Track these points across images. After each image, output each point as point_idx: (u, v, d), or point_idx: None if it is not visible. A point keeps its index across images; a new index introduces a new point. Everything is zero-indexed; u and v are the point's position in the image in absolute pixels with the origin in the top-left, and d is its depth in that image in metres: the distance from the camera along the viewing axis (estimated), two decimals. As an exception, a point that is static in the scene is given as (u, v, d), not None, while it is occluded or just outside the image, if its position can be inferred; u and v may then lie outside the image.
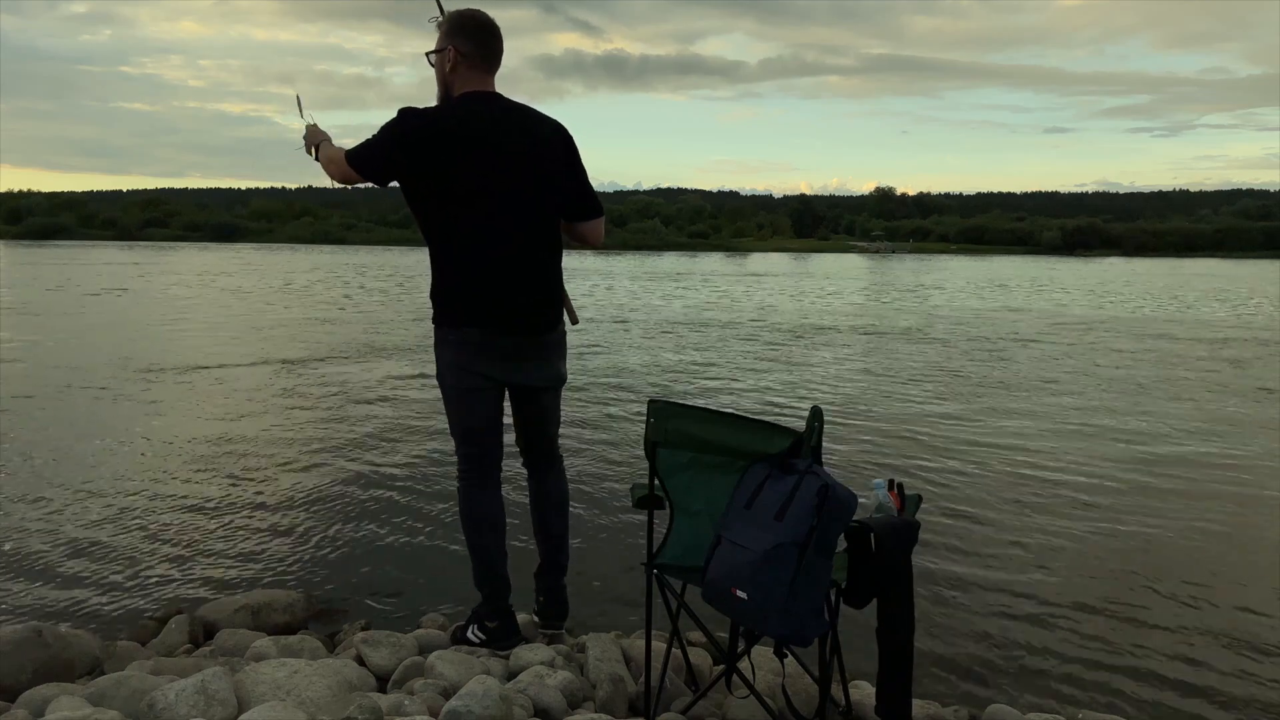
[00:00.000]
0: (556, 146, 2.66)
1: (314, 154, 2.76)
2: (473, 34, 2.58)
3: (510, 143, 2.57)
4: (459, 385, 2.65)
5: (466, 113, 2.56)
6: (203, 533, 4.45)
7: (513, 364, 2.65)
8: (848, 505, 2.04)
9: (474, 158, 2.52)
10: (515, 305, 2.60)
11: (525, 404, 2.78)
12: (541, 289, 2.67)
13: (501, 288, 2.58)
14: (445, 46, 2.59)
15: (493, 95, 2.63)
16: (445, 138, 2.50)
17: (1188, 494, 5.51)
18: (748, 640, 2.34)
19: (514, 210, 2.58)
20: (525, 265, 2.61)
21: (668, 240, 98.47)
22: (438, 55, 2.62)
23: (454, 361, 2.63)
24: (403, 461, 5.93)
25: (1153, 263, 69.78)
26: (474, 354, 2.60)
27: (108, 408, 7.63)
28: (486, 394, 2.66)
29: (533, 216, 2.62)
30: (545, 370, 2.73)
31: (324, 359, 10.85)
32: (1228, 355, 12.48)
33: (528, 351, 2.66)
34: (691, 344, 13.05)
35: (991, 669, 3.25)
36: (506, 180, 2.56)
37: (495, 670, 2.57)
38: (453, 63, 2.58)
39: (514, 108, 2.64)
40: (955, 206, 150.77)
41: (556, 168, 2.66)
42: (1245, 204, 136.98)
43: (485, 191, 2.54)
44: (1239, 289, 31.19)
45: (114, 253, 52.07)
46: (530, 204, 2.61)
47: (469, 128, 2.53)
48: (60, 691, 2.29)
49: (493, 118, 2.58)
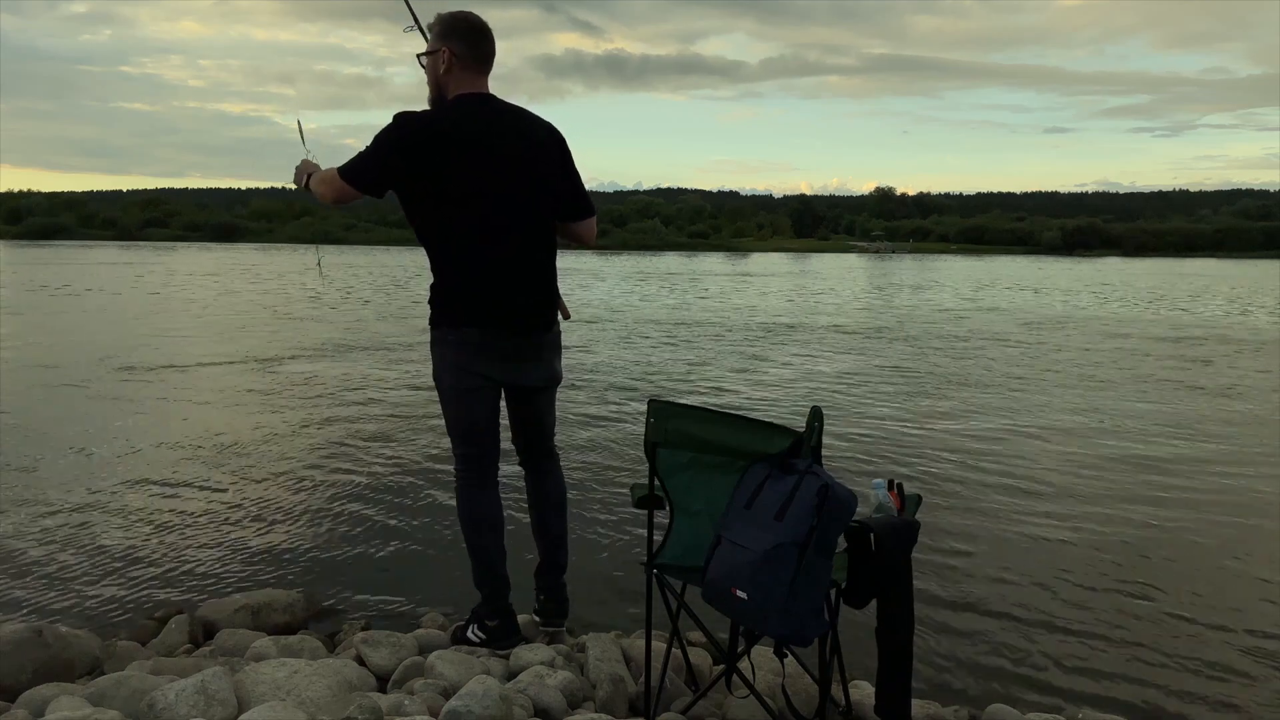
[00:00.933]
0: (551, 149, 2.68)
1: (304, 183, 2.77)
2: (465, 35, 2.59)
3: (506, 144, 2.58)
4: (458, 385, 2.65)
5: (462, 114, 2.57)
6: (202, 532, 4.45)
7: (511, 364, 2.66)
8: (848, 505, 2.04)
9: (470, 159, 2.53)
10: (514, 305, 2.62)
11: (523, 404, 2.79)
12: (539, 289, 2.69)
13: (500, 288, 2.59)
14: (438, 48, 2.60)
15: (487, 96, 2.63)
16: (441, 139, 2.50)
17: (1186, 494, 5.51)
18: (748, 640, 2.34)
19: (511, 211, 2.59)
20: (523, 266, 2.63)
21: (667, 240, 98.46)
22: (430, 57, 2.64)
23: (453, 362, 2.63)
24: (403, 461, 5.93)
25: (1151, 263, 69.78)
26: (473, 354, 2.61)
27: (105, 407, 7.63)
28: (485, 394, 2.67)
29: (529, 217, 2.63)
30: (542, 369, 2.75)
31: (323, 359, 10.85)
32: (1196, 354, 12.50)
33: (526, 352, 2.67)
34: (665, 342, 13.10)
35: (991, 669, 3.25)
36: (503, 181, 2.57)
37: (495, 670, 2.57)
38: (446, 64, 2.59)
39: (509, 109, 2.65)
40: (955, 206, 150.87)
41: (552, 170, 2.68)
42: (1245, 204, 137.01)
43: (482, 193, 2.55)
44: (1220, 288, 31.17)
45: (113, 253, 52.05)
46: (526, 205, 2.62)
47: (465, 129, 2.54)
48: (60, 691, 2.29)
49: (488, 119, 2.59)
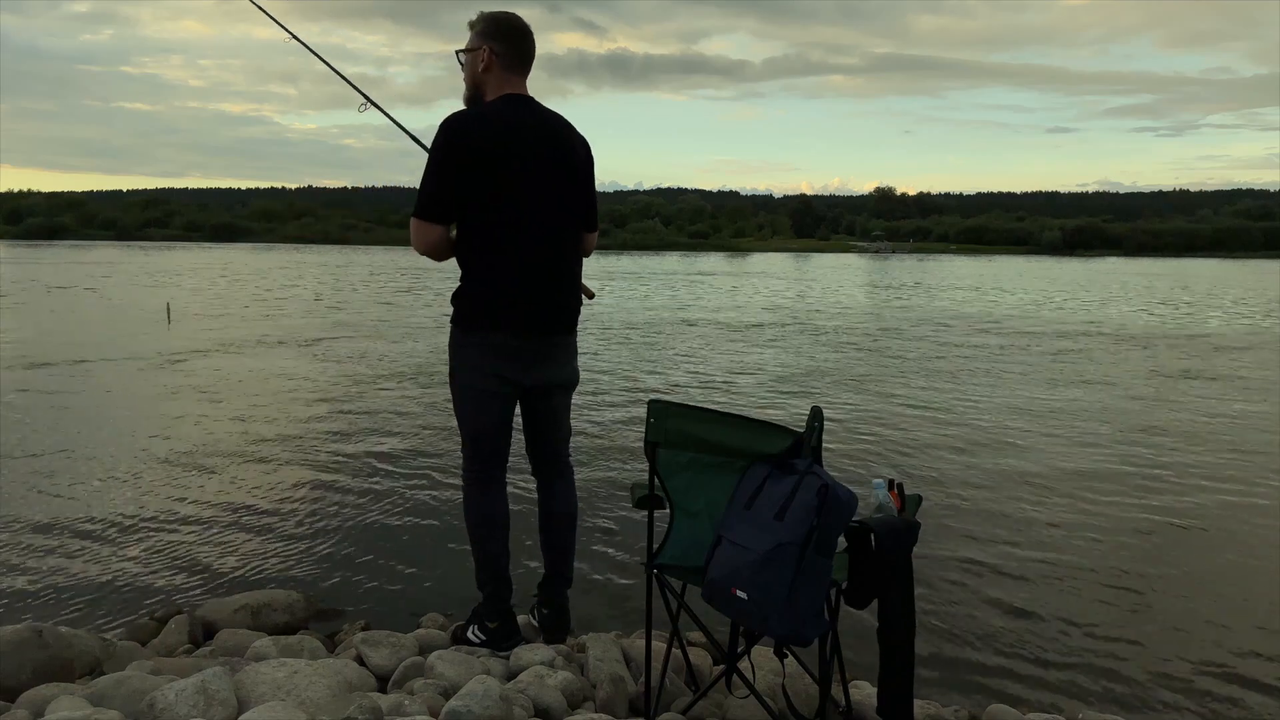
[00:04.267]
0: (585, 159, 2.73)
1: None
2: (507, 36, 2.62)
3: (549, 149, 2.61)
4: (480, 388, 2.65)
5: (510, 117, 2.58)
6: (202, 532, 4.45)
7: (536, 367, 2.67)
8: (848, 505, 2.04)
9: (516, 163, 2.54)
10: (548, 309, 2.65)
11: (542, 405, 2.79)
12: (572, 292, 2.74)
13: (538, 292, 2.61)
14: (480, 46, 2.62)
15: (530, 99, 2.66)
16: (492, 140, 2.52)
17: (1187, 493, 5.51)
18: (748, 640, 2.34)
19: (550, 216, 2.62)
20: (558, 270, 2.66)
21: (668, 240, 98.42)
22: (470, 54, 2.65)
23: (478, 364, 2.63)
24: (402, 461, 5.93)
25: (1149, 263, 69.73)
26: (499, 358, 2.61)
27: (102, 406, 7.63)
28: (504, 397, 2.68)
29: (565, 222, 2.67)
30: (565, 370, 2.77)
31: (323, 357, 10.86)
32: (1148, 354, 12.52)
33: (556, 354, 2.71)
34: (642, 341, 13.16)
35: (991, 669, 3.25)
36: (545, 185, 2.60)
37: (495, 670, 2.57)
38: (486, 63, 2.61)
39: (550, 114, 2.68)
40: (955, 207, 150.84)
41: (583, 178, 2.73)
42: (1245, 204, 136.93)
43: (525, 196, 2.56)
44: (1200, 288, 31.20)
45: (114, 253, 52.05)
46: (564, 210, 2.66)
47: (514, 132, 2.56)
48: (60, 691, 2.29)
49: (534, 124, 2.61)
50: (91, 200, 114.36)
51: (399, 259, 47.12)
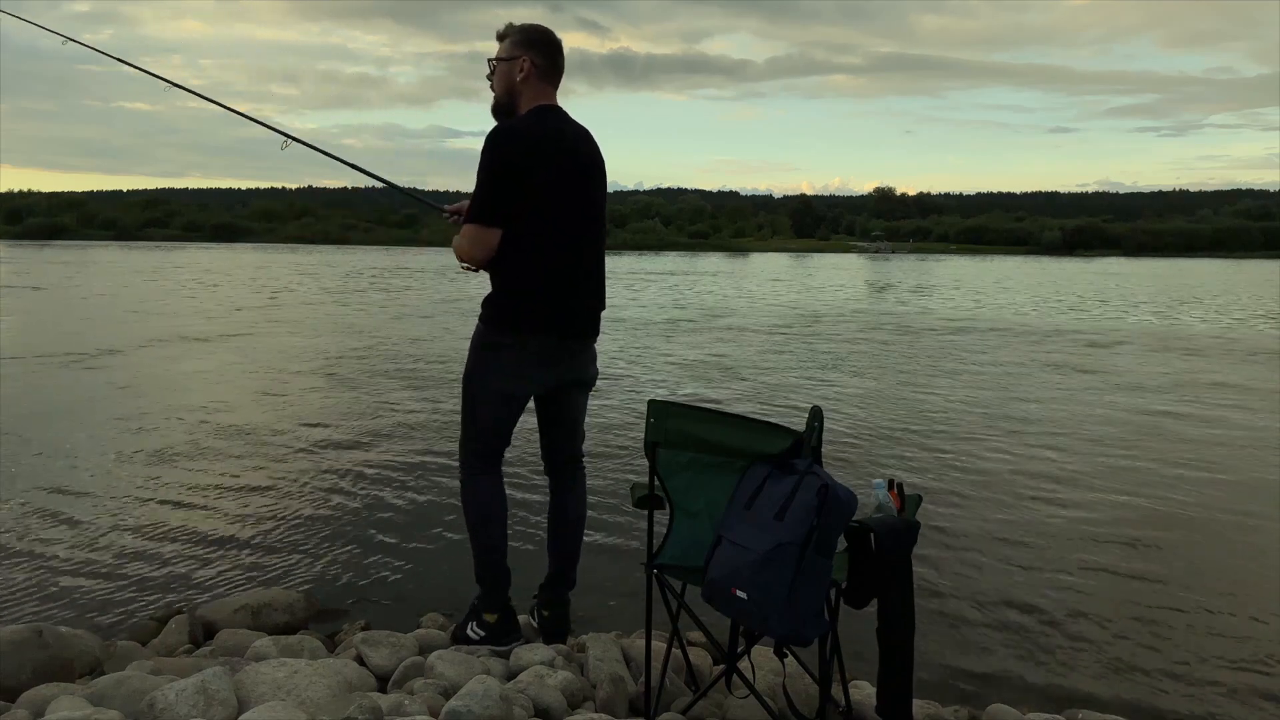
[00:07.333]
0: (603, 168, 2.81)
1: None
2: (545, 48, 2.71)
3: (583, 160, 2.70)
4: (508, 389, 2.69)
5: (554, 127, 2.66)
6: (203, 532, 4.45)
7: (564, 367, 2.73)
8: (848, 505, 2.04)
9: (560, 172, 2.62)
10: (583, 313, 2.73)
11: (565, 402, 2.83)
12: (601, 296, 2.82)
13: (575, 296, 2.69)
14: (518, 56, 2.68)
15: (562, 111, 2.74)
16: (539, 152, 2.59)
17: (1187, 491, 5.51)
18: (748, 640, 2.34)
19: (585, 222, 2.70)
20: (592, 274, 2.75)
21: (668, 240, 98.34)
22: (506, 63, 2.71)
23: (509, 366, 2.67)
24: (402, 460, 5.93)
25: (1148, 263, 69.71)
26: (534, 360, 2.66)
27: (100, 405, 7.63)
28: (527, 398, 2.76)
29: (597, 229, 2.76)
30: (589, 370, 2.85)
31: (322, 356, 10.87)
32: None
33: (580, 356, 2.78)
34: (641, 341, 13.10)
35: (991, 669, 3.25)
36: (582, 193, 2.69)
37: (495, 670, 2.57)
38: (525, 74, 2.68)
39: (580, 126, 2.76)
40: (955, 206, 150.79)
41: (604, 186, 2.82)
42: (1245, 204, 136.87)
43: (566, 204, 2.64)
44: (1176, 290, 31.17)
45: (115, 253, 52.05)
46: (595, 218, 2.74)
47: (558, 143, 2.64)
48: (60, 691, 2.29)
49: (572, 135, 2.70)
50: (92, 200, 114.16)
51: (399, 259, 47.11)
